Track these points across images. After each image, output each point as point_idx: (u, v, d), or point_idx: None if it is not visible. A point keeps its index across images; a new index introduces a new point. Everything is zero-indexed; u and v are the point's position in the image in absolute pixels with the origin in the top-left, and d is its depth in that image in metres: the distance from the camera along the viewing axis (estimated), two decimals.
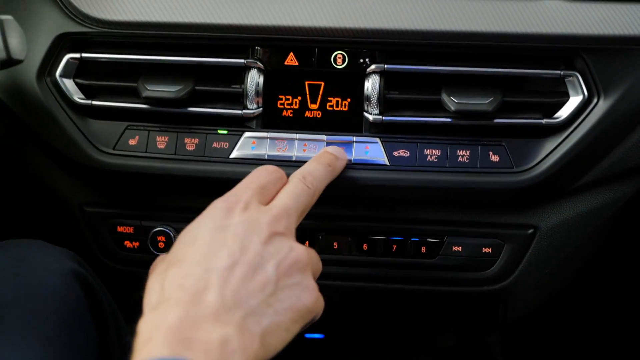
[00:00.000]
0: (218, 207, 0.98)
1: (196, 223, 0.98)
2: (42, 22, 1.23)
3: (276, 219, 0.98)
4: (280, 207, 1.00)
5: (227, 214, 0.97)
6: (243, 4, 1.21)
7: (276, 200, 1.03)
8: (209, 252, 0.92)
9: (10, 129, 1.23)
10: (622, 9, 1.17)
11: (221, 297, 0.87)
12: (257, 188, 1.02)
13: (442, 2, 1.19)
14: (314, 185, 1.06)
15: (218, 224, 0.96)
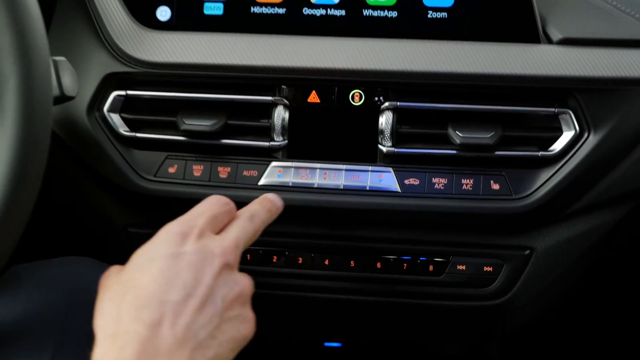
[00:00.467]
0: (173, 232, 0.94)
1: (151, 245, 0.93)
2: (92, 62, 1.26)
3: (228, 251, 0.94)
4: (232, 239, 0.97)
5: (182, 240, 0.92)
6: (271, 48, 1.24)
7: (228, 232, 1.00)
8: (164, 282, 0.88)
9: (63, 158, 1.25)
10: (610, 54, 1.19)
11: (174, 331, 0.84)
12: (210, 217, 0.98)
13: (448, 46, 1.21)
14: (258, 225, 1.03)
15: (173, 250, 0.91)
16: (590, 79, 1.18)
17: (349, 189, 1.23)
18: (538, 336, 1.55)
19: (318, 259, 1.29)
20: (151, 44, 1.25)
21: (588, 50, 1.20)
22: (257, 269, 1.30)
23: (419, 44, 1.22)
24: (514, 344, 1.48)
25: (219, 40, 1.25)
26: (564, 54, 1.20)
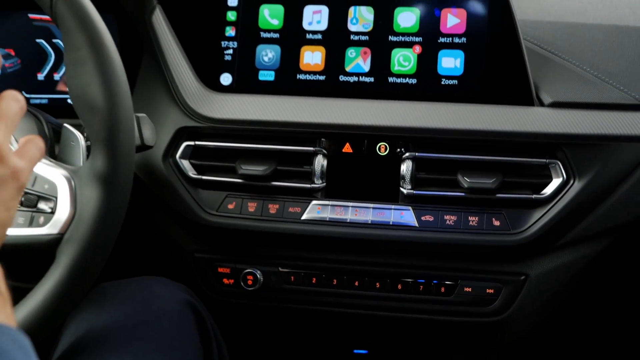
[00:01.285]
0: None
1: None
2: (167, 118, 1.29)
3: None
4: None
5: None
6: (313, 107, 1.27)
7: None
8: None
9: (143, 196, 1.28)
10: (592, 115, 1.22)
11: None
12: None
13: (458, 107, 1.24)
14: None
15: None
16: (575, 135, 1.20)
17: (375, 223, 1.24)
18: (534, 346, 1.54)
19: (349, 281, 1.31)
20: (215, 103, 1.28)
21: (573, 111, 1.22)
22: (299, 288, 1.31)
23: (434, 105, 1.25)
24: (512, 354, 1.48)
25: (270, 101, 1.28)
26: (553, 115, 1.22)
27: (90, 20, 0.99)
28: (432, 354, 1.53)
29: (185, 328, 1.13)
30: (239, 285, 1.31)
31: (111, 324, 1.09)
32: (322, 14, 1.30)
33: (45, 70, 1.38)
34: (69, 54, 1.00)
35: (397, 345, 1.49)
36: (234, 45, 1.32)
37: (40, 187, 0.99)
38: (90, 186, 0.98)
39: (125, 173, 0.99)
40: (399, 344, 1.47)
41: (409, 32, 1.28)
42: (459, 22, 1.27)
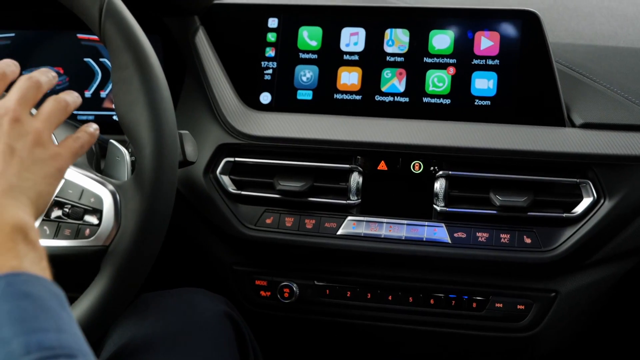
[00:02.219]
0: None
1: None
2: (209, 135, 1.29)
3: (11, 109, 0.84)
4: (14, 100, 0.85)
5: None
6: (349, 126, 1.27)
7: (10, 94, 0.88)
8: None
9: (184, 210, 1.28)
10: (622, 136, 1.20)
11: None
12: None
13: (491, 127, 1.23)
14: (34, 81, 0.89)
15: None
16: (605, 156, 1.19)
17: (409, 239, 1.23)
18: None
19: (383, 295, 1.29)
20: (255, 121, 1.29)
21: (604, 132, 1.21)
22: (334, 301, 1.30)
23: (467, 125, 1.24)
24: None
25: (308, 119, 1.28)
26: (584, 136, 1.21)
27: (136, 40, 0.99)
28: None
29: (223, 339, 1.13)
30: (275, 297, 1.30)
31: (152, 333, 1.10)
32: (359, 36, 1.30)
33: (92, 88, 1.38)
34: (115, 73, 1.00)
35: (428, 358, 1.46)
36: (273, 65, 1.32)
37: (87, 201, 0.99)
38: (135, 200, 0.98)
39: (168, 188, 1.00)
40: (430, 357, 1.45)
41: (444, 54, 1.27)
42: (492, 44, 1.26)
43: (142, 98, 0.98)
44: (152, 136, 0.98)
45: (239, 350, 1.15)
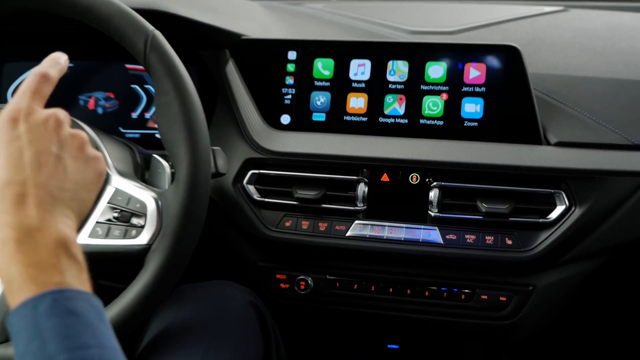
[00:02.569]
0: (4, 120, 0.74)
1: None
2: (237, 151, 1.29)
3: (54, 113, 0.77)
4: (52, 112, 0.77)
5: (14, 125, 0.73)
6: (356, 144, 1.27)
7: None
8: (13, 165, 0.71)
9: (216, 214, 1.28)
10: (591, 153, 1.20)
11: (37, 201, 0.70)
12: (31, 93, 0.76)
13: (478, 145, 1.23)
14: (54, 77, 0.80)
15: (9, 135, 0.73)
16: (576, 170, 1.19)
17: (407, 240, 1.23)
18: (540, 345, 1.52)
19: (385, 288, 1.30)
20: (276, 139, 1.29)
21: (575, 150, 1.21)
22: (343, 292, 1.30)
23: (458, 143, 1.24)
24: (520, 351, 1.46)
25: (321, 138, 1.29)
26: (558, 153, 1.21)
27: (176, 70, 1.00)
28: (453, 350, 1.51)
29: (249, 324, 1.14)
30: (293, 289, 1.31)
31: (188, 319, 1.10)
32: (365, 67, 1.30)
33: (138, 110, 1.39)
34: (158, 97, 1.01)
35: (424, 342, 1.47)
36: (292, 91, 1.32)
37: (133, 206, 1.00)
38: (174, 206, 0.98)
39: (202, 195, 1.00)
40: (425, 341, 1.46)
41: (438, 82, 1.28)
42: (479, 74, 1.26)
43: (181, 119, 0.99)
44: (189, 151, 0.99)
45: (262, 333, 1.16)
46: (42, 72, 0.79)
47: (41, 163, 0.72)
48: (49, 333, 0.62)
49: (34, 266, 0.66)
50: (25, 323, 0.63)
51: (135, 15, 1.01)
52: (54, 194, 0.72)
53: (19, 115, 0.74)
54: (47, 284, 0.65)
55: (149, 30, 1.00)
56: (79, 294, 0.67)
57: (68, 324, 0.63)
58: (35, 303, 0.64)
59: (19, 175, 0.70)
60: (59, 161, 0.74)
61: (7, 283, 0.66)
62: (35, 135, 0.73)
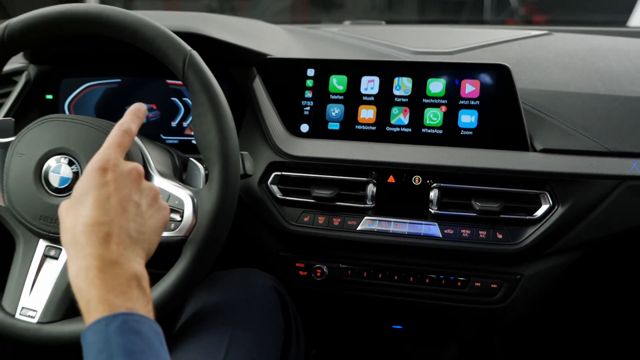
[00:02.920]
0: (95, 168, 0.78)
1: (83, 181, 0.78)
2: (262, 155, 1.29)
3: (137, 167, 0.82)
4: (135, 164, 0.82)
5: (104, 173, 0.77)
6: (366, 149, 1.26)
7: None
8: (101, 208, 0.75)
9: (244, 211, 1.27)
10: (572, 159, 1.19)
11: (120, 240, 0.74)
12: (116, 147, 0.81)
13: (472, 151, 1.22)
14: (135, 132, 0.87)
15: (99, 181, 0.77)
16: (559, 173, 1.18)
17: (410, 234, 1.22)
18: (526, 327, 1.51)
19: (390, 275, 1.28)
20: (296, 145, 1.28)
21: (558, 156, 1.19)
22: (354, 279, 1.28)
23: (455, 150, 1.23)
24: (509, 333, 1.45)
25: (336, 144, 1.28)
26: (543, 158, 1.20)
27: (210, 85, 1.00)
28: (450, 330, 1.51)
29: (272, 306, 1.14)
30: (310, 276, 1.30)
31: (219, 302, 1.11)
32: (374, 82, 1.29)
33: (177, 119, 1.39)
34: (194, 109, 1.01)
35: (424, 323, 1.46)
36: (310, 104, 1.32)
37: (172, 203, 0.99)
38: (207, 203, 0.99)
39: (232, 194, 1.00)
40: (425, 322, 1.45)
41: (437, 96, 1.27)
42: (474, 89, 1.25)
43: (214, 127, 0.99)
44: (221, 156, 0.99)
45: (283, 315, 1.16)
46: (125, 128, 0.84)
47: (124, 208, 0.76)
48: (117, 348, 0.65)
49: (111, 291, 0.69)
50: (97, 337, 0.66)
51: (175, 38, 1.01)
52: (132, 236, 0.76)
53: (108, 165, 0.78)
54: (119, 307, 0.68)
55: (187, 51, 1.00)
56: (145, 319, 0.70)
57: (133, 342, 0.66)
58: (107, 321, 0.67)
59: (106, 217, 0.74)
60: (138, 208, 0.79)
61: (85, 303, 0.70)
62: (121, 184, 0.78)
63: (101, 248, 0.72)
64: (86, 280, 0.71)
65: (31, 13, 1.03)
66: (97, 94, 1.39)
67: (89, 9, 1.02)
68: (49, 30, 1.03)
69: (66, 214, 0.77)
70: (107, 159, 0.79)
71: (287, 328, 1.15)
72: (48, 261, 1.01)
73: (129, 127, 0.85)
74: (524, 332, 1.53)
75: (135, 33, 1.00)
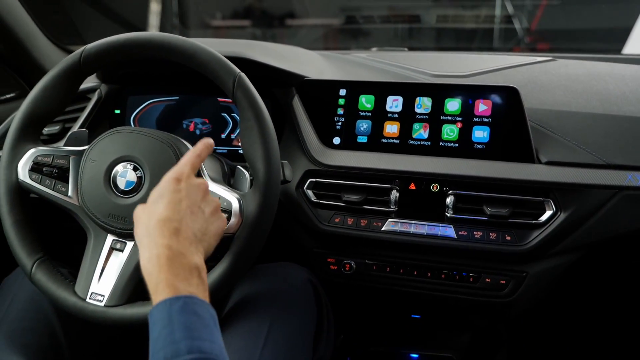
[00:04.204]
0: (172, 178, 0.83)
1: (160, 187, 0.83)
2: (300, 164, 1.28)
3: (204, 183, 0.87)
4: (202, 181, 0.88)
5: (178, 182, 0.82)
6: (391, 160, 1.25)
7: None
8: (173, 208, 0.79)
9: (283, 212, 1.26)
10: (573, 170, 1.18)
11: (186, 236, 0.78)
12: (191, 164, 0.86)
13: (484, 163, 1.21)
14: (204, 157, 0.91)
15: (174, 188, 0.81)
16: (562, 183, 1.16)
17: (429, 235, 1.21)
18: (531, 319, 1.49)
19: (411, 271, 1.26)
20: (329, 156, 1.28)
21: (561, 168, 1.18)
22: (379, 274, 1.27)
23: (469, 161, 1.22)
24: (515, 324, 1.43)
25: (364, 155, 1.27)
26: (547, 170, 1.18)
27: (257, 103, 1.01)
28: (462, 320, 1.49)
29: (307, 296, 1.14)
30: (340, 270, 1.29)
31: (261, 292, 1.11)
32: (398, 101, 1.28)
33: (226, 132, 1.39)
34: (242, 123, 1.01)
35: (440, 313, 1.45)
36: (342, 119, 1.31)
37: (222, 204, 0.99)
38: (252, 205, 0.99)
39: (274, 197, 1.00)
40: (441, 312, 1.43)
41: (454, 114, 1.25)
42: (486, 108, 1.24)
43: (259, 139, 0.99)
44: (264, 164, 0.99)
45: (316, 304, 1.15)
46: (197, 153, 0.88)
47: (192, 212, 0.81)
48: (178, 325, 0.68)
49: (176, 277, 0.72)
50: (162, 315, 0.69)
51: (226, 61, 1.02)
52: (196, 235, 0.80)
53: (182, 177, 0.83)
54: (182, 291, 0.71)
55: (236, 73, 1.01)
56: (203, 303, 0.73)
57: (192, 321, 0.69)
58: (172, 302, 0.70)
59: (177, 215, 0.78)
60: (203, 214, 0.83)
61: (154, 285, 0.73)
62: (191, 192, 0.82)
63: (171, 240, 0.76)
64: (157, 265, 0.73)
65: (104, 40, 1.05)
66: (158, 110, 1.41)
67: (153, 36, 1.04)
68: (119, 55, 1.05)
69: (142, 212, 0.81)
70: (181, 171, 0.83)
71: (319, 315, 1.14)
72: (114, 253, 1.02)
73: (201, 153, 0.89)
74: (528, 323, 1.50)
75: (192, 57, 1.01)
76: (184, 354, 0.66)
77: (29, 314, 1.07)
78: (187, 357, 0.65)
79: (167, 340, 0.67)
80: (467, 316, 1.43)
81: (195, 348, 0.66)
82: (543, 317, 1.58)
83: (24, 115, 1.06)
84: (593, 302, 1.64)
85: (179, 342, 0.67)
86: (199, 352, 0.66)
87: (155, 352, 0.68)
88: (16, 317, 1.06)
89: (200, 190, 0.84)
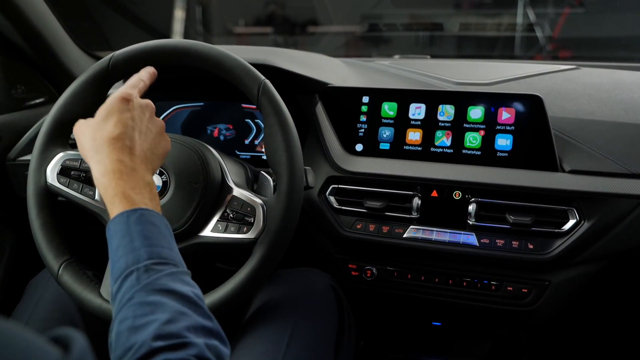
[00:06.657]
0: (120, 98, 0.81)
1: (107, 105, 0.81)
2: (322, 170, 1.29)
3: (150, 104, 0.86)
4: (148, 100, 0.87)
5: (126, 102, 0.81)
6: (413, 167, 1.25)
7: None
8: (124, 126, 0.79)
9: (305, 218, 1.27)
10: (597, 179, 1.16)
11: (139, 153, 0.78)
12: (135, 87, 0.85)
13: (507, 171, 1.20)
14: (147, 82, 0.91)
15: (122, 107, 0.80)
16: (585, 192, 1.15)
17: (450, 242, 1.20)
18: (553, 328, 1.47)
19: (432, 278, 1.26)
20: (352, 162, 1.28)
21: (584, 176, 1.17)
22: (400, 280, 1.27)
23: (491, 169, 1.21)
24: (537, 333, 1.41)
25: (386, 162, 1.27)
26: (571, 178, 1.17)
27: (281, 109, 1.01)
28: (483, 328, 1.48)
29: (329, 302, 1.14)
30: (361, 276, 1.29)
31: (283, 296, 1.11)
32: (421, 109, 1.28)
33: (250, 138, 1.40)
34: (266, 129, 1.01)
35: (460, 321, 1.44)
36: (365, 126, 1.31)
37: (245, 210, 1.00)
38: (276, 210, 0.99)
39: (297, 203, 1.00)
40: (461, 320, 1.42)
41: (477, 121, 1.25)
42: (509, 116, 1.23)
43: (282, 146, 0.99)
44: (288, 170, 0.99)
45: (337, 309, 1.15)
46: (140, 76, 0.88)
47: (141, 131, 0.80)
48: (136, 234, 0.70)
49: (131, 190, 0.74)
50: (120, 226, 0.71)
51: (251, 68, 1.02)
52: (146, 154, 0.79)
53: (130, 98, 0.81)
54: (138, 203, 0.73)
55: (261, 79, 1.01)
56: (158, 215, 0.74)
57: (150, 230, 0.71)
58: (129, 214, 0.71)
59: (128, 133, 0.78)
60: (151, 133, 0.82)
61: (110, 197, 0.74)
62: (138, 112, 0.81)
63: (124, 156, 0.76)
64: (113, 179, 0.74)
65: (132, 46, 1.06)
66: (183, 115, 1.42)
67: (180, 43, 1.04)
68: (147, 61, 1.05)
69: (86, 128, 0.81)
70: (128, 92, 0.82)
71: (340, 321, 1.14)
72: None
73: (144, 78, 0.89)
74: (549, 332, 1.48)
75: (218, 64, 1.02)
76: (144, 260, 0.68)
77: (55, 315, 1.08)
78: (148, 262, 0.68)
79: (127, 249, 0.69)
80: (488, 324, 1.42)
81: (155, 254, 0.69)
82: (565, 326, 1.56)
83: (53, 120, 1.07)
84: (616, 312, 1.61)
85: (138, 249, 0.68)
86: (159, 258, 0.68)
87: (115, 260, 0.69)
88: (42, 318, 1.07)
89: (147, 110, 0.84)
